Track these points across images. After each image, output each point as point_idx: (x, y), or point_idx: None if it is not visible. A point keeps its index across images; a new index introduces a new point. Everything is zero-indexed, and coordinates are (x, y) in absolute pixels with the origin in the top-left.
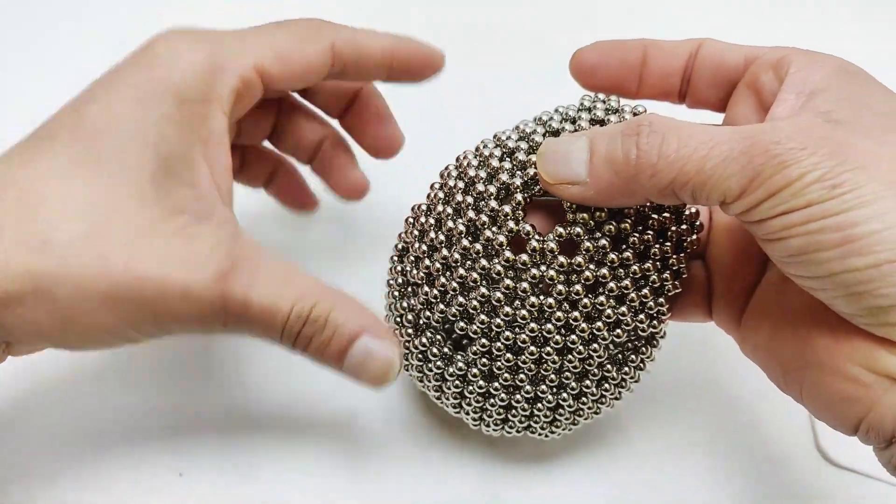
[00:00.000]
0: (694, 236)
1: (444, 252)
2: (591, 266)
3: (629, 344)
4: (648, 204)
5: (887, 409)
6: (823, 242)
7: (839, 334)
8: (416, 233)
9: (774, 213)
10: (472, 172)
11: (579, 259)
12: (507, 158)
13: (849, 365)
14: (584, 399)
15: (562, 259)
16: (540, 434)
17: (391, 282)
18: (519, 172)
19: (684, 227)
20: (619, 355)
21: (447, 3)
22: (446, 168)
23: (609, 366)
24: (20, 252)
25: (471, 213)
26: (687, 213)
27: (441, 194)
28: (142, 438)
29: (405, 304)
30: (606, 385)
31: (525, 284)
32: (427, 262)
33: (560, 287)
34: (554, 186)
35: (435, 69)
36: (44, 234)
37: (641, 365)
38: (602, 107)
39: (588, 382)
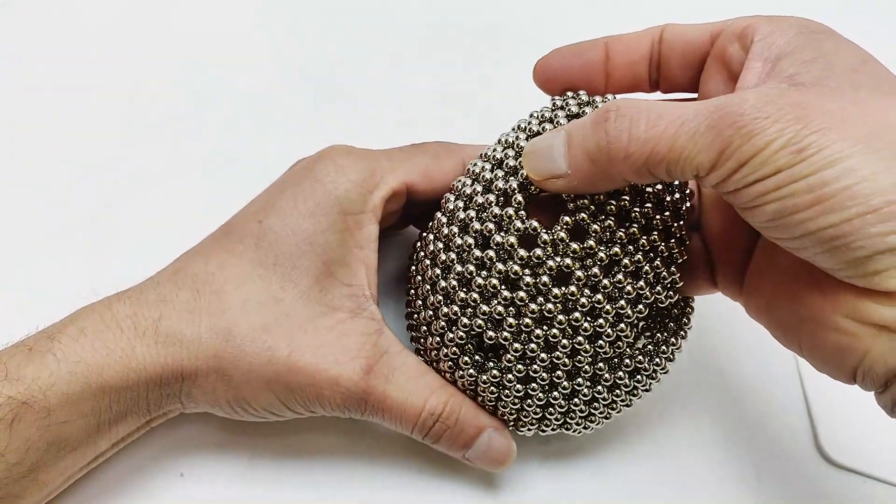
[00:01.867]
0: (688, 203)
1: (458, 268)
2: (603, 247)
3: (656, 327)
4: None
5: (878, 354)
6: (797, 205)
7: (826, 289)
8: (427, 261)
9: (747, 182)
10: (468, 190)
11: (591, 242)
12: (497, 168)
13: (837, 317)
14: (618, 391)
15: (574, 245)
16: (575, 430)
17: (412, 312)
18: (512, 177)
19: (677, 195)
20: (650, 346)
21: (448, 5)
22: (444, 197)
23: (641, 357)
24: (212, 338)
25: (476, 225)
26: (676, 182)
27: (444, 219)
28: (143, 439)
29: (429, 318)
30: (639, 376)
31: (545, 278)
32: (443, 283)
33: (579, 273)
34: (542, 182)
35: None
36: (230, 326)
37: (671, 356)
38: (574, 102)
39: (621, 374)
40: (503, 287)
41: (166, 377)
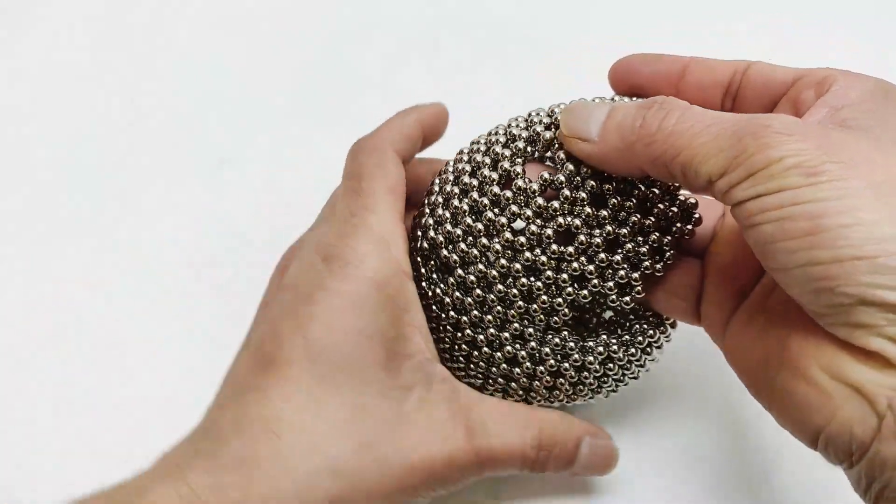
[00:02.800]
0: (689, 227)
1: (448, 227)
2: (567, 214)
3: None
4: (645, 181)
5: (845, 420)
6: (792, 230)
7: (809, 335)
8: (429, 219)
9: (751, 194)
10: (465, 160)
11: (555, 204)
12: (513, 126)
13: (814, 367)
14: (610, 364)
15: (540, 200)
16: (585, 396)
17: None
18: (525, 132)
19: (674, 210)
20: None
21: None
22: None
23: (642, 327)
24: (316, 480)
25: (478, 157)
26: (684, 200)
27: (437, 189)
28: (143, 439)
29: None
30: (633, 349)
31: (503, 219)
32: (444, 252)
33: (533, 227)
34: (567, 138)
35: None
36: (329, 461)
37: (669, 335)
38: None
39: (615, 345)
40: (471, 216)
41: None
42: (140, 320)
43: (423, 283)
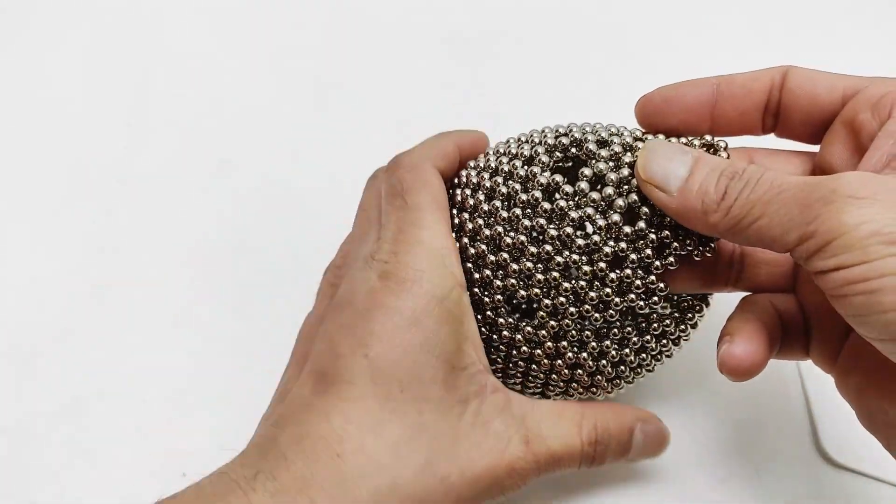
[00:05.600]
0: (696, 251)
1: (487, 231)
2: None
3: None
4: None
5: None
6: (884, 303)
7: None
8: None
9: (832, 265)
10: (493, 163)
11: (609, 190)
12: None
13: None
14: (644, 354)
15: (594, 195)
16: (599, 394)
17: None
18: (564, 139)
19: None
20: (675, 312)
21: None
22: (459, 175)
23: (668, 321)
24: (382, 502)
25: (503, 188)
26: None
27: (468, 191)
28: (143, 439)
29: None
30: (665, 340)
31: (568, 229)
32: (472, 249)
33: (601, 222)
34: (642, 181)
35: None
36: (393, 481)
37: (696, 323)
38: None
39: (648, 337)
40: (530, 244)
41: None
42: (140, 320)
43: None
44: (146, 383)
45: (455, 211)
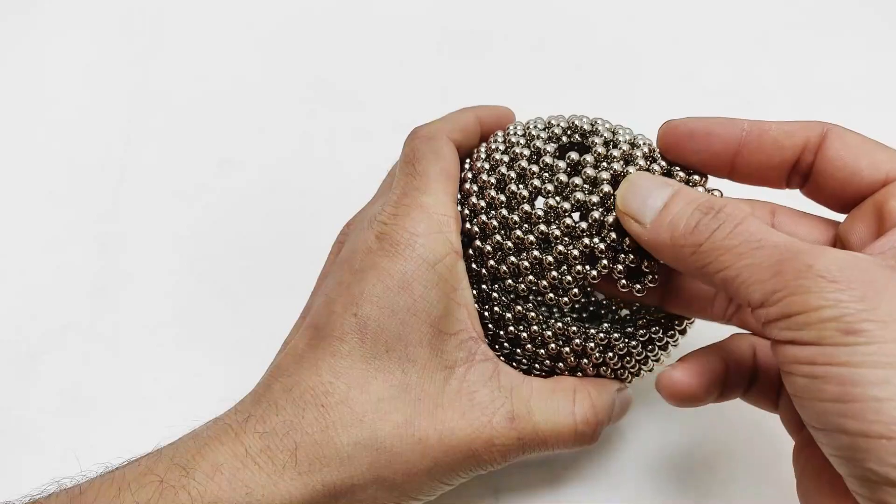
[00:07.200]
0: (648, 279)
1: (483, 218)
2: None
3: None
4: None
5: None
6: (823, 392)
7: (840, 491)
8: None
9: (786, 337)
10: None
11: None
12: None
13: None
14: (651, 346)
15: (576, 179)
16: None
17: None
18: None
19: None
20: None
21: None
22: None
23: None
24: (359, 451)
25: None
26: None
27: (475, 186)
28: (144, 440)
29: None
30: (671, 331)
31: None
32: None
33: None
34: (620, 213)
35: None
36: (373, 433)
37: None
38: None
39: (656, 328)
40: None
41: (318, 502)
42: (140, 320)
43: (473, 264)
44: (146, 382)
45: (466, 184)
